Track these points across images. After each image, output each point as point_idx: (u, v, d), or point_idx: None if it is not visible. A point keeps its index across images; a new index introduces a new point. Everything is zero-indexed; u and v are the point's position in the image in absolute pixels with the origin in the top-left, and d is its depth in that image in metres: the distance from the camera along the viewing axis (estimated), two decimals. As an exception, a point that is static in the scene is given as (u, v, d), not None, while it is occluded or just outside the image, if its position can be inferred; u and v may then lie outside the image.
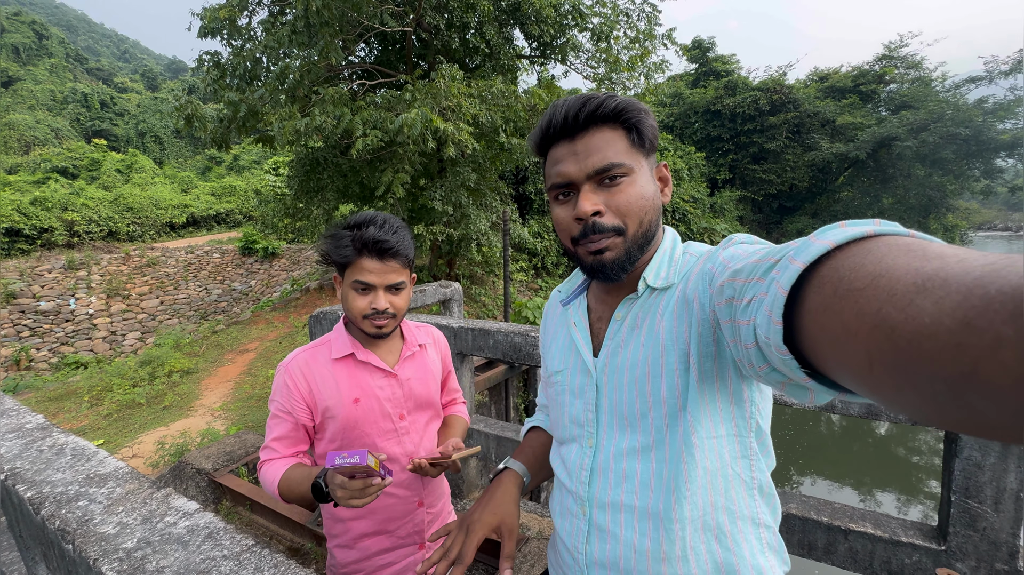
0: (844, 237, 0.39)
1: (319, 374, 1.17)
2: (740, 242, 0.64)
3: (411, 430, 1.25)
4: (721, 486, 0.70)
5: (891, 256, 0.34)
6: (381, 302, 1.11)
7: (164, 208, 20.15)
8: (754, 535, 0.73)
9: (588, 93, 0.74)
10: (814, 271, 0.39)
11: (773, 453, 0.75)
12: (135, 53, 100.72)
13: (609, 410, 0.77)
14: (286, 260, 14.45)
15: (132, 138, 33.45)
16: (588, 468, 0.79)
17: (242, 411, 5.35)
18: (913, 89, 19.25)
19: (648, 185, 0.74)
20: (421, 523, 1.26)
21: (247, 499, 2.76)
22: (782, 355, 0.42)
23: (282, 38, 6.91)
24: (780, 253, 0.46)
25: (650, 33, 9.36)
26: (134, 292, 12.44)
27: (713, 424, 0.69)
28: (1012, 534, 1.39)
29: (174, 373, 6.70)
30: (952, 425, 0.28)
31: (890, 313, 0.30)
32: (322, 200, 8.77)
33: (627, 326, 0.77)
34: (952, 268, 0.28)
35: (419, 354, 1.30)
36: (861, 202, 19.17)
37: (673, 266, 0.76)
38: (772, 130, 19.24)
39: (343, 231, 1.12)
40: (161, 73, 62.78)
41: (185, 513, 1.00)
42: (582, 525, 0.79)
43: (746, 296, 0.49)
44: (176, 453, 4.00)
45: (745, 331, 0.48)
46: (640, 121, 0.72)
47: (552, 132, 0.75)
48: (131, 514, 1.03)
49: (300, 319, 8.64)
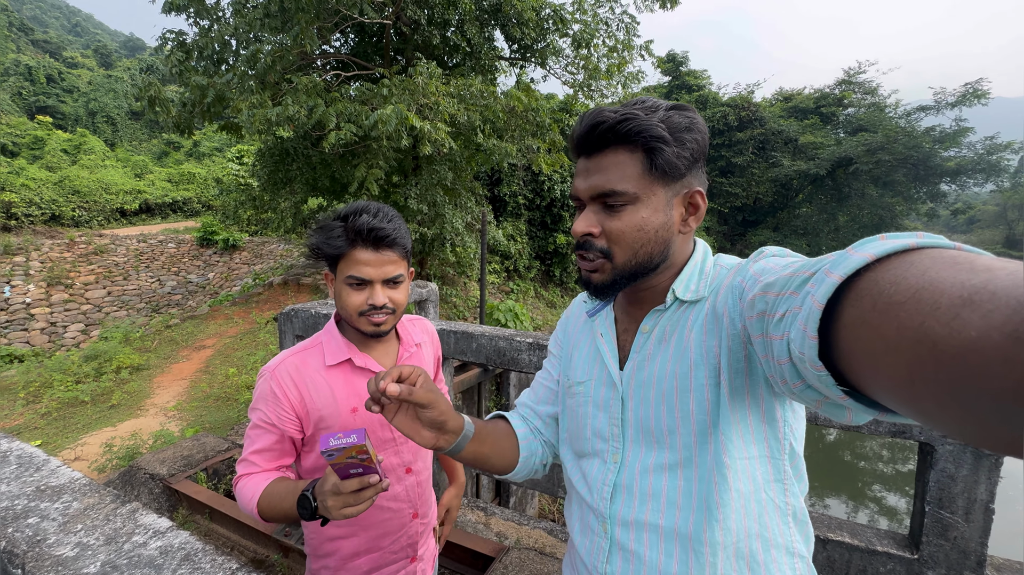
0: (885, 250, 0.38)
1: (312, 381, 1.06)
2: (771, 254, 0.63)
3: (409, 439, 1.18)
4: (755, 511, 0.68)
5: (935, 269, 0.32)
6: (379, 297, 1.01)
7: (115, 193, 19.01)
8: (788, 566, 0.70)
9: (607, 108, 0.70)
10: (852, 284, 0.38)
11: (807, 477, 0.73)
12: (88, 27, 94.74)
13: (635, 425, 0.75)
14: (248, 253, 13.86)
15: (82, 117, 31.37)
16: (611, 484, 0.76)
17: (199, 412, 5.07)
18: (869, 114, 20.43)
19: (654, 216, 0.70)
20: (415, 535, 1.20)
21: (206, 507, 2.59)
22: (817, 371, 0.40)
23: (254, 20, 6.62)
24: (815, 266, 0.44)
25: (628, 43, 9.53)
26: (78, 281, 11.65)
27: (745, 444, 0.67)
28: (981, 543, 1.46)
29: (123, 369, 6.28)
30: (998, 446, 0.26)
31: (933, 327, 0.28)
32: (290, 192, 8.46)
33: (655, 339, 0.75)
34: (1002, 281, 0.27)
35: (417, 354, 1.22)
36: (819, 218, 20.16)
37: (704, 279, 0.75)
38: (739, 145, 20.03)
39: (334, 222, 1.02)
40: (116, 50, 59.16)
41: (156, 531, 0.90)
42: (603, 543, 0.76)
43: (779, 310, 0.47)
44: (126, 456, 3.73)
45: (778, 346, 0.47)
46: (657, 149, 0.67)
47: (575, 146, 0.75)
48: (92, 533, 0.92)
49: (263, 315, 8.29)
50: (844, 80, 22.05)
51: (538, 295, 12.75)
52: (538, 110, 7.66)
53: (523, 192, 12.93)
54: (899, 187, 18.29)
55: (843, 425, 1.58)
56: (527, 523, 2.39)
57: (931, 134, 17.81)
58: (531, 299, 12.29)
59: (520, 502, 4.44)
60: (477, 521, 2.41)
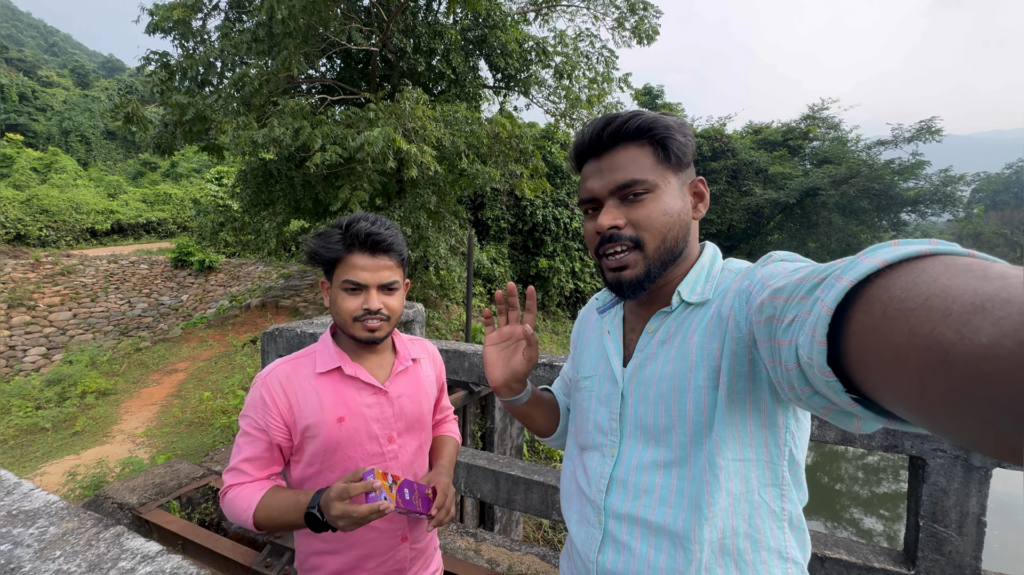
0: (896, 256, 0.37)
1: (301, 388, 1.06)
2: (780, 259, 0.64)
3: (400, 454, 1.13)
4: (745, 511, 0.68)
5: (948, 275, 0.32)
6: (374, 302, 1.02)
7: (86, 212, 18.49)
8: (780, 569, 0.70)
9: (615, 112, 0.76)
10: (862, 290, 0.38)
11: (806, 487, 0.74)
12: (66, 47, 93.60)
13: (634, 421, 0.77)
14: (224, 275, 13.53)
15: (54, 135, 30.63)
16: (607, 477, 0.78)
17: (170, 438, 4.84)
18: (833, 147, 21.50)
19: (674, 201, 0.74)
20: (404, 560, 1.14)
21: (179, 538, 2.45)
22: (825, 377, 0.40)
23: (240, 44, 6.66)
24: (825, 271, 0.44)
25: (607, 76, 9.90)
26: (42, 303, 11.16)
27: (741, 447, 0.67)
28: (975, 557, 1.48)
29: (88, 394, 5.98)
30: (1011, 455, 0.26)
31: (944, 334, 0.28)
32: (272, 214, 8.37)
33: (658, 339, 0.77)
34: (1015, 288, 0.27)
35: (412, 369, 1.20)
36: (789, 244, 20.86)
37: (710, 282, 0.76)
38: (713, 174, 20.76)
39: (332, 229, 1.06)
40: (94, 70, 58.45)
41: (145, 556, 0.85)
42: (596, 534, 0.78)
43: (788, 315, 0.47)
44: (91, 486, 3.51)
45: (786, 352, 0.47)
46: (666, 137, 0.73)
47: (582, 151, 0.78)
48: (73, 559, 0.86)
49: (239, 338, 8.06)
50: (809, 115, 23.25)
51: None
52: (521, 137, 7.83)
53: (506, 216, 13.07)
54: (863, 215, 19.17)
55: (835, 439, 1.60)
56: (519, 549, 2.33)
57: (891, 166, 18.82)
58: (514, 322, 12.26)
59: (505, 527, 4.33)
60: (467, 547, 2.33)
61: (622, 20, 9.28)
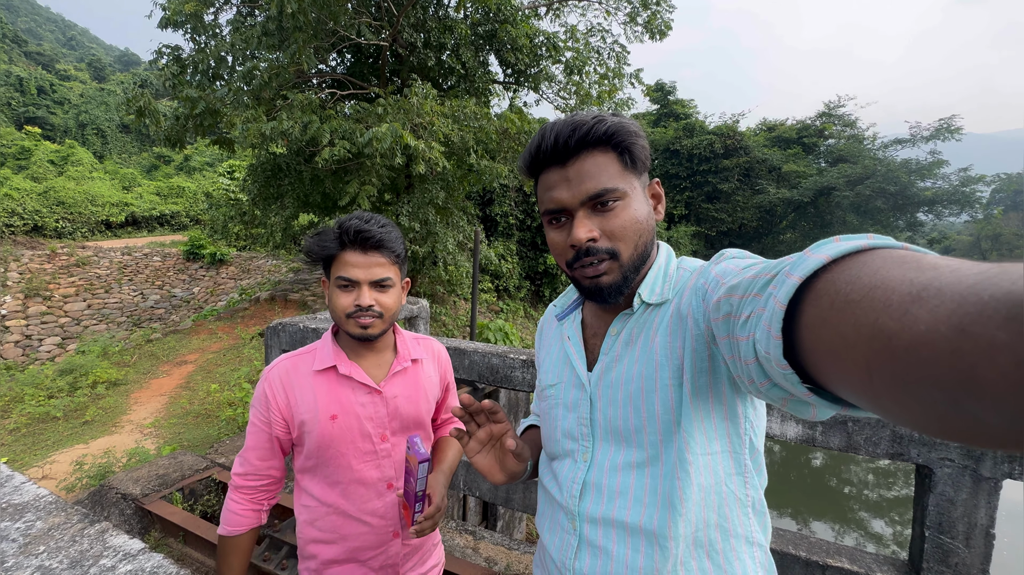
0: (839, 251, 0.39)
1: (299, 385, 1.10)
2: (732, 257, 0.65)
3: (393, 453, 1.15)
4: (715, 503, 0.70)
5: (886, 268, 0.34)
6: (365, 298, 1.05)
7: (101, 205, 18.75)
8: (748, 554, 0.72)
9: (576, 116, 0.73)
10: (811, 285, 0.40)
11: (765, 471, 0.75)
12: (83, 41, 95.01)
13: (604, 424, 0.77)
14: (235, 268, 13.67)
15: (71, 129, 31.14)
16: (580, 482, 0.78)
17: (177, 429, 4.89)
18: (848, 145, 21.06)
19: (642, 207, 0.74)
20: (396, 556, 1.16)
21: (180, 529, 2.47)
22: (783, 370, 0.42)
23: (251, 39, 6.68)
24: (776, 268, 0.46)
25: (618, 72, 9.80)
26: (57, 293, 11.36)
27: (708, 440, 0.69)
28: (982, 570, 1.43)
29: (99, 384, 6.08)
30: (953, 434, 0.28)
31: (886, 323, 0.30)
32: (281, 208, 8.41)
33: (622, 341, 0.77)
34: (946, 277, 0.29)
35: (411, 370, 1.20)
36: (802, 244, 20.54)
37: (668, 282, 0.77)
38: (725, 172, 20.45)
39: (328, 228, 1.10)
40: (111, 64, 59.21)
41: (127, 554, 0.84)
42: (572, 540, 0.78)
43: (744, 312, 0.49)
44: (97, 475, 3.56)
45: (744, 347, 0.48)
46: (632, 143, 0.72)
47: (542, 156, 0.74)
48: (56, 555, 0.85)
49: (248, 330, 8.13)
50: (824, 112, 22.78)
51: (527, 315, 12.71)
52: (531, 133, 7.77)
53: (514, 213, 13.03)
54: (878, 216, 18.79)
55: (839, 446, 1.56)
56: (517, 548, 2.32)
57: (907, 166, 18.41)
58: (521, 319, 12.25)
59: (508, 525, 4.32)
60: (465, 545, 2.32)
61: (634, 15, 9.17)
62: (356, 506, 1.11)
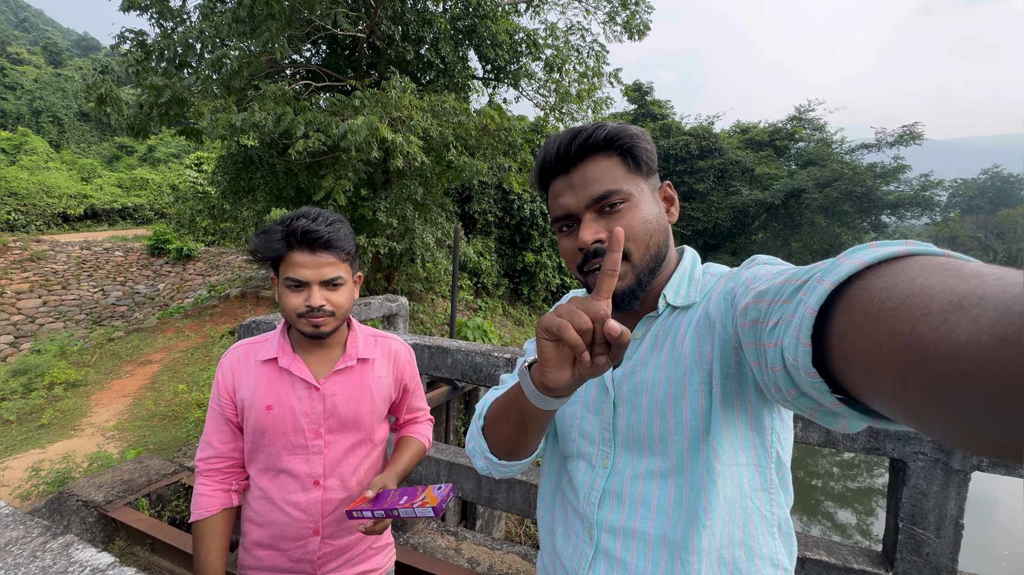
0: (875, 257, 0.38)
1: (245, 372, 1.14)
2: (763, 262, 0.64)
3: (326, 451, 1.14)
4: (739, 518, 0.67)
5: (925, 275, 0.33)
6: (316, 298, 1.05)
7: (58, 197, 17.86)
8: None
9: (579, 125, 0.74)
10: (843, 292, 0.39)
11: (792, 488, 0.73)
12: (37, 23, 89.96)
13: (627, 431, 0.74)
14: (203, 264, 13.20)
15: (25, 116, 29.46)
16: (600, 490, 0.75)
17: (142, 432, 4.69)
18: (817, 148, 21.77)
19: (650, 208, 0.73)
20: (314, 554, 1.14)
21: (147, 537, 2.36)
22: (811, 378, 0.41)
23: (221, 25, 6.43)
24: (807, 274, 0.45)
25: (598, 71, 9.84)
26: (9, 290, 10.76)
27: (734, 451, 0.67)
28: (951, 559, 1.49)
29: (56, 385, 5.77)
30: (992, 450, 0.26)
31: (924, 332, 0.29)
32: (252, 202, 8.14)
33: (647, 344, 0.75)
34: (990, 286, 0.28)
35: (356, 369, 1.18)
36: (773, 244, 21.15)
37: (694, 285, 0.76)
38: (700, 173, 20.89)
39: (275, 226, 1.08)
40: (68, 49, 56.17)
41: (95, 569, 0.78)
42: (587, 549, 0.75)
43: (772, 318, 0.48)
44: (55, 482, 3.37)
45: (772, 354, 0.47)
46: (633, 146, 0.72)
47: (548, 167, 0.75)
48: (15, 573, 0.79)
49: (217, 329, 7.87)
50: (795, 116, 23.49)
51: (506, 313, 12.70)
52: (510, 130, 7.73)
53: (493, 210, 12.97)
54: (845, 217, 19.50)
55: (818, 442, 1.60)
56: (500, 548, 2.30)
57: (873, 170, 19.17)
58: (499, 316, 12.22)
59: (487, 524, 4.30)
60: (447, 546, 2.29)
61: (613, 14, 9.22)
62: (281, 495, 1.13)
